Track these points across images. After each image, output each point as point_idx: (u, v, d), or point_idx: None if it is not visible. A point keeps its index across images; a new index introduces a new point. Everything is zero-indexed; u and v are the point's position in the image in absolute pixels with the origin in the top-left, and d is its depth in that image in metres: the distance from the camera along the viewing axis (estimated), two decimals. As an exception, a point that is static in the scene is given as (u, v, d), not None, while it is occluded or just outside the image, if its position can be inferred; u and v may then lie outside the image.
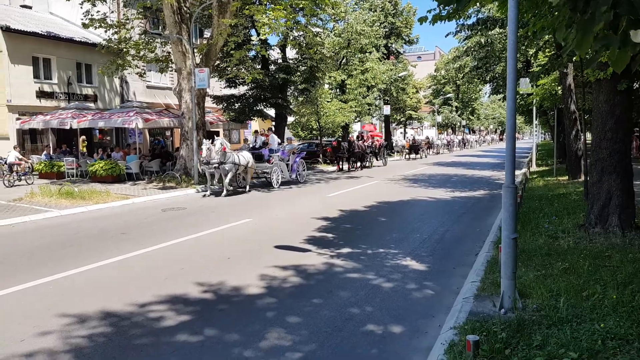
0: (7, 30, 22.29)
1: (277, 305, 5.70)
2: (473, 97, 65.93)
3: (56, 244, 9.03)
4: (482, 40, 25.72)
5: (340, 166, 26.99)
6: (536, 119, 29.54)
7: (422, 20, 8.97)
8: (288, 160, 19.03)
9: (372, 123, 36.98)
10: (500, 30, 23.16)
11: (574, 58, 10.65)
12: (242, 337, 4.81)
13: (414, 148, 37.31)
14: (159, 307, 5.62)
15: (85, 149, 24.36)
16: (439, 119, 59.49)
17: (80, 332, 4.93)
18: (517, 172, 6.78)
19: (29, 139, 24.38)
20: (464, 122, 67.67)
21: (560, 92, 18.15)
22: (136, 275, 6.95)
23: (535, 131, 34.79)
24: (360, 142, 28.29)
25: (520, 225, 8.77)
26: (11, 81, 22.70)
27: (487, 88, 50.63)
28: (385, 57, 40.49)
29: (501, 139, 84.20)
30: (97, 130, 26.24)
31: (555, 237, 8.10)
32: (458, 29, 21.89)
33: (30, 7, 28.89)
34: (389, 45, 42.23)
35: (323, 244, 8.70)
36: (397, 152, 38.78)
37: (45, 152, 22.81)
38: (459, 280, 6.58)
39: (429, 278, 6.74)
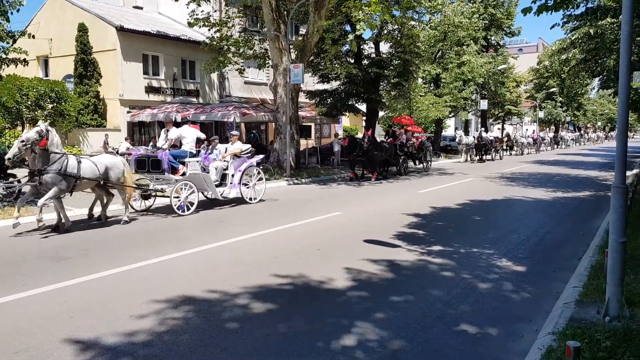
0: (121, 29, 24.21)
1: (365, 299, 5.73)
2: (579, 91, 61.28)
3: (160, 230, 9.70)
4: (592, 31, 23.88)
5: (356, 173, 19.68)
6: (652, 116, 26.92)
7: (525, 11, 8.55)
8: (226, 169, 12.39)
9: (408, 116, 28.49)
10: (613, 20, 21.38)
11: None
12: (330, 329, 4.89)
13: (481, 148, 30.43)
14: (252, 294, 5.85)
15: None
16: (541, 114, 56.06)
17: (176, 314, 5.23)
18: (627, 173, 6.24)
19: (137, 131, 26.35)
20: (568, 118, 63.05)
21: (682, 86, 16.43)
22: (231, 262, 7.29)
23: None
24: (389, 139, 22.01)
25: (630, 230, 8.08)
26: (123, 77, 24.64)
27: (595, 82, 46.86)
28: (484, 49, 38.91)
29: (606, 138, 77.37)
30: (199, 124, 27.75)
31: (672, 244, 7.39)
32: (565, 19, 20.55)
33: (141, 8, 31.13)
34: (489, 37, 40.50)
35: (413, 241, 8.59)
36: (462, 152, 31.11)
37: (151, 143, 24.50)
38: (559, 284, 6.22)
39: (527, 281, 6.43)
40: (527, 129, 53.07)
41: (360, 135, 34.24)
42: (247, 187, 12.85)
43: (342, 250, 7.92)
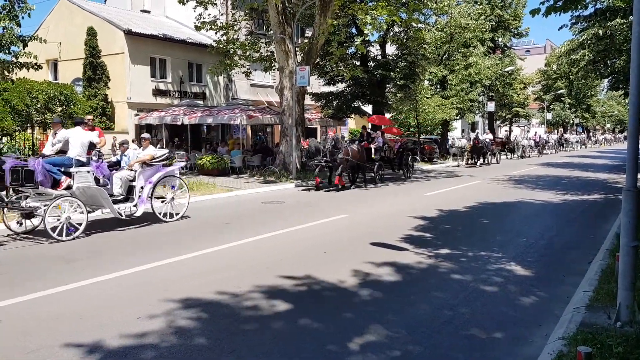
0: (129, 33, 24.32)
1: (372, 302, 5.69)
2: (588, 93, 60.91)
3: (168, 232, 9.70)
4: (601, 32, 23.74)
5: (336, 180, 16.29)
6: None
7: (534, 12, 8.50)
8: (133, 181, 10.11)
9: (383, 115, 26.24)
10: (623, 20, 21.22)
11: None
12: (338, 331, 4.85)
13: (477, 151, 28.04)
14: (259, 296, 5.83)
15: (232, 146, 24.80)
16: (549, 116, 55.74)
17: (186, 315, 5.23)
18: (639, 176, 6.05)
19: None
20: (577, 120, 62.60)
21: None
22: (238, 264, 7.27)
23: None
24: (363, 142, 18.95)
25: (642, 233, 8.00)
26: (131, 80, 24.75)
27: (604, 84, 46.39)
28: (491, 51, 38.80)
29: (614, 139, 76.28)
30: (205, 127, 27.85)
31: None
32: (573, 20, 20.43)
33: (148, 12, 31.28)
34: (496, 39, 40.38)
35: (420, 243, 8.53)
36: (455, 155, 29.36)
37: (159, 146, 24.60)
38: (568, 289, 6.14)
39: (536, 285, 6.36)
40: (528, 131, 51.47)
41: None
42: (164, 202, 10.70)
43: (348, 253, 7.88)
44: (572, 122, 61.30)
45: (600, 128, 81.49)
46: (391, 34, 25.25)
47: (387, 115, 32.74)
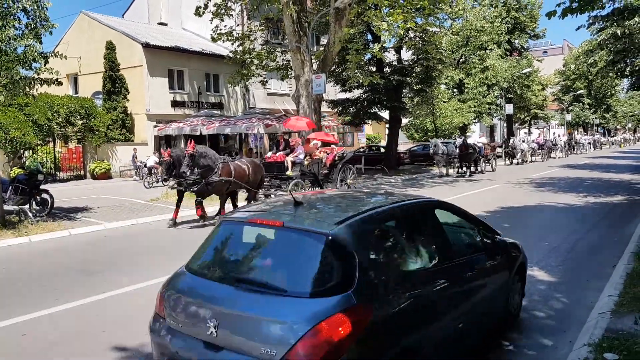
0: (147, 46, 24.74)
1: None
2: (608, 93, 59.98)
3: (188, 241, 9.79)
4: (619, 32, 23.44)
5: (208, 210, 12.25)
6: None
7: (550, 14, 8.45)
8: None
9: (306, 117, 18.24)
10: (641, 19, 20.91)
11: None
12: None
13: (466, 158, 23.94)
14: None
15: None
16: (569, 117, 54.99)
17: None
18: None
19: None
20: (597, 121, 61.55)
21: None
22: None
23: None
24: (278, 154, 15.64)
25: (667, 236, 7.86)
26: (150, 92, 25.15)
27: (624, 83, 45.60)
28: (507, 53, 38.55)
29: (634, 139, 73.97)
30: (223, 136, 28.11)
31: None
32: (590, 20, 20.19)
33: (166, 24, 31.79)
34: (512, 41, 40.11)
35: (441, 249, 8.46)
36: (439, 163, 24.29)
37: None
38: (593, 293, 6.04)
39: (559, 290, 6.28)
40: (570, 134, 48.06)
41: (383, 142, 34.17)
42: None
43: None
44: (592, 122, 60.33)
45: (621, 128, 79.96)
46: (407, 39, 25.24)
47: (404, 121, 32.61)
